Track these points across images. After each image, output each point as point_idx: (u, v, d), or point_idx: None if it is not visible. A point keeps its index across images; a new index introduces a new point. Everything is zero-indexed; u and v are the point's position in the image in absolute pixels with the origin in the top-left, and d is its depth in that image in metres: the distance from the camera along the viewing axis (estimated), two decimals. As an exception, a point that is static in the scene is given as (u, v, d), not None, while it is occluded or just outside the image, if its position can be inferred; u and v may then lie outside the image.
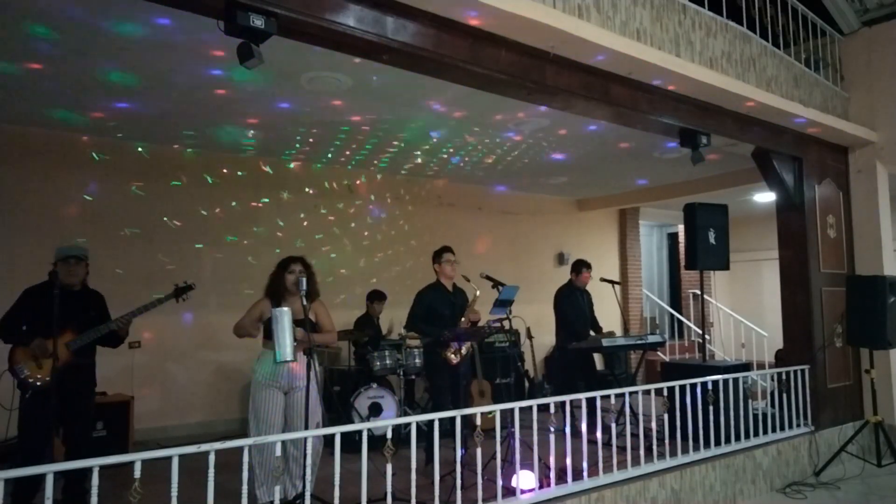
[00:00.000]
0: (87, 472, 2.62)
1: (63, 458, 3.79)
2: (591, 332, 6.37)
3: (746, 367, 5.75)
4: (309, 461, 3.14)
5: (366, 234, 7.95)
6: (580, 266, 6.46)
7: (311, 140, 6.49)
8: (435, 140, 6.51)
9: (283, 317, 3.62)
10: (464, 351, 4.76)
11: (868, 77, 6.57)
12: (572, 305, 6.32)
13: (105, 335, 4.05)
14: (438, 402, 4.81)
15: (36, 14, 3.66)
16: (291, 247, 7.05)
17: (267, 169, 7.22)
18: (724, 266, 6.15)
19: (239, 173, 7.03)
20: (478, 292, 4.90)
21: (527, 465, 3.89)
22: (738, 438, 5.08)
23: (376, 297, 7.06)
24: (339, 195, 7.77)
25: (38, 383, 3.83)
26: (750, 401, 5.44)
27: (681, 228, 10.91)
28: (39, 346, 3.82)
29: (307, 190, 7.53)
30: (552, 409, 4.05)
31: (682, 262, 9.98)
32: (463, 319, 4.85)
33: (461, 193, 8.75)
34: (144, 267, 6.33)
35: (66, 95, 5.05)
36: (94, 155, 6.20)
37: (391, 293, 7.22)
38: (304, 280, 3.84)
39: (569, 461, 3.94)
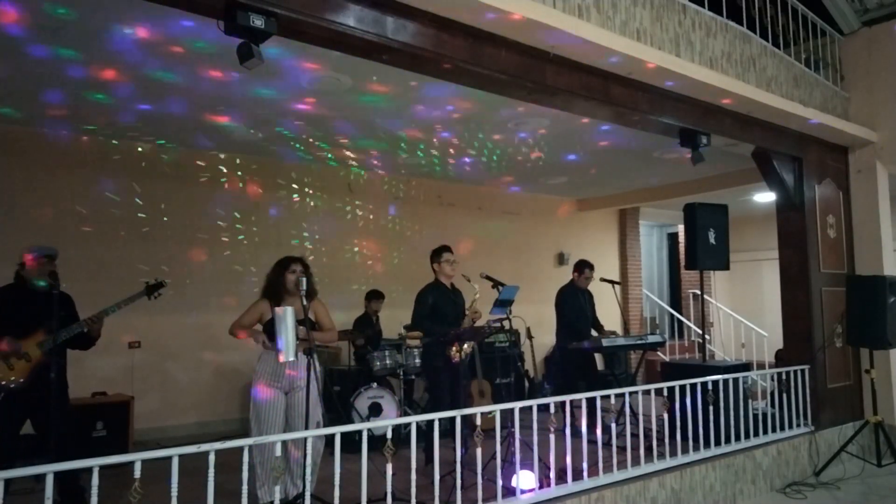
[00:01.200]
0: (82, 471, 2.59)
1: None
2: (594, 332, 6.37)
3: (746, 367, 5.76)
4: (309, 461, 3.14)
5: (366, 233, 7.94)
6: (583, 266, 6.46)
7: (310, 140, 6.49)
8: (435, 139, 6.51)
9: (287, 316, 3.62)
10: (467, 348, 4.76)
11: (868, 77, 6.57)
12: (573, 305, 6.31)
13: (76, 336, 3.93)
14: (437, 403, 4.80)
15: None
16: (291, 247, 7.06)
17: (266, 168, 7.21)
18: (724, 266, 6.15)
19: (239, 173, 7.03)
20: (476, 295, 4.89)
21: (527, 465, 3.89)
22: (738, 438, 5.08)
23: (374, 296, 7.06)
24: (339, 195, 7.76)
25: (12, 385, 3.72)
26: (750, 401, 5.44)
27: (681, 228, 10.91)
28: (9, 346, 3.69)
29: (307, 189, 7.53)
30: (552, 409, 4.05)
31: (682, 262, 9.98)
32: (467, 315, 4.86)
33: (461, 193, 8.75)
34: (144, 267, 6.33)
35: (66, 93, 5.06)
36: (93, 155, 6.20)
37: (391, 293, 7.22)
38: (305, 280, 3.84)
39: (569, 461, 3.94)
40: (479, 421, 3.52)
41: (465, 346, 4.73)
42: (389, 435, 3.22)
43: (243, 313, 4.16)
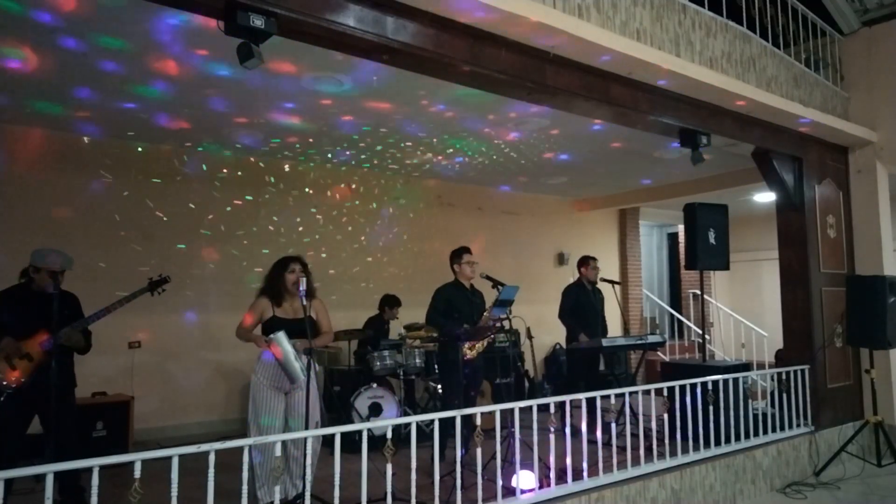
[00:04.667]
0: (82, 471, 2.59)
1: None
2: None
3: (746, 367, 5.76)
4: (309, 461, 3.14)
5: (365, 233, 7.94)
6: (585, 260, 6.48)
7: (310, 140, 6.49)
8: (435, 140, 6.51)
9: (282, 341, 3.76)
10: (479, 346, 4.76)
11: (868, 77, 6.57)
12: (578, 302, 6.30)
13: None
14: (449, 401, 4.78)
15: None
16: (291, 247, 7.06)
17: (267, 169, 7.21)
18: (724, 266, 6.15)
19: (239, 173, 7.03)
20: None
21: (527, 465, 3.89)
22: (738, 438, 5.08)
23: (391, 302, 6.97)
24: (340, 195, 7.76)
25: (14, 385, 3.73)
26: (750, 401, 5.44)
27: (681, 228, 10.91)
28: (10, 346, 3.72)
29: (307, 190, 7.52)
30: (552, 409, 4.05)
31: (682, 262, 9.98)
32: (485, 314, 4.85)
33: (461, 193, 8.75)
34: (144, 268, 6.32)
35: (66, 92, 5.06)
36: (93, 155, 6.20)
37: (390, 292, 7.21)
38: (304, 280, 3.85)
39: (569, 461, 3.94)
40: (479, 421, 3.52)
41: (479, 344, 4.75)
42: (389, 435, 3.22)
43: (245, 315, 4.15)
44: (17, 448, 3.77)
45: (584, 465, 4.09)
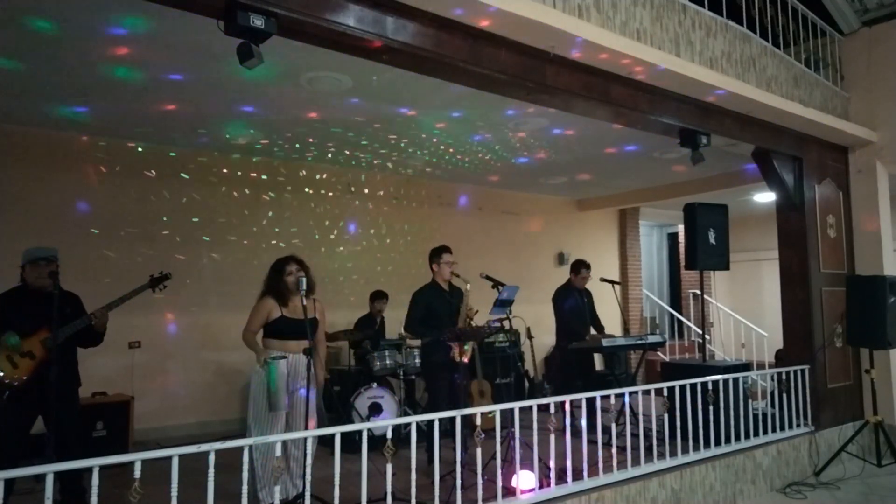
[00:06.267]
0: (83, 471, 2.59)
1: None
2: (593, 331, 6.36)
3: (746, 367, 5.76)
4: (309, 460, 3.15)
5: (366, 233, 7.94)
6: (579, 266, 6.47)
7: (310, 140, 6.49)
8: (435, 139, 6.51)
9: (280, 368, 3.79)
10: (467, 347, 4.72)
11: (868, 77, 6.57)
12: (569, 305, 6.31)
13: (83, 332, 3.92)
14: (435, 404, 4.78)
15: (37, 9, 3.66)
16: (292, 247, 7.06)
17: (267, 169, 7.21)
18: (724, 266, 6.15)
19: (239, 173, 7.03)
20: (468, 286, 4.80)
21: (527, 465, 3.89)
22: (738, 438, 5.08)
23: (377, 296, 7.04)
24: (340, 195, 7.77)
25: (16, 383, 3.71)
26: (750, 401, 5.44)
27: (681, 228, 10.91)
28: (11, 337, 3.68)
29: (307, 190, 7.53)
30: (552, 409, 4.05)
31: (682, 262, 9.98)
32: (461, 315, 4.82)
33: (461, 193, 8.75)
34: (145, 267, 6.30)
35: (66, 92, 5.06)
36: (93, 155, 6.20)
37: (391, 292, 7.22)
38: (304, 280, 3.85)
39: (569, 461, 3.94)
40: (479, 421, 3.52)
41: (467, 346, 4.70)
42: (389, 435, 3.22)
43: (251, 316, 4.14)
44: (19, 448, 3.76)
45: (584, 465, 4.09)
